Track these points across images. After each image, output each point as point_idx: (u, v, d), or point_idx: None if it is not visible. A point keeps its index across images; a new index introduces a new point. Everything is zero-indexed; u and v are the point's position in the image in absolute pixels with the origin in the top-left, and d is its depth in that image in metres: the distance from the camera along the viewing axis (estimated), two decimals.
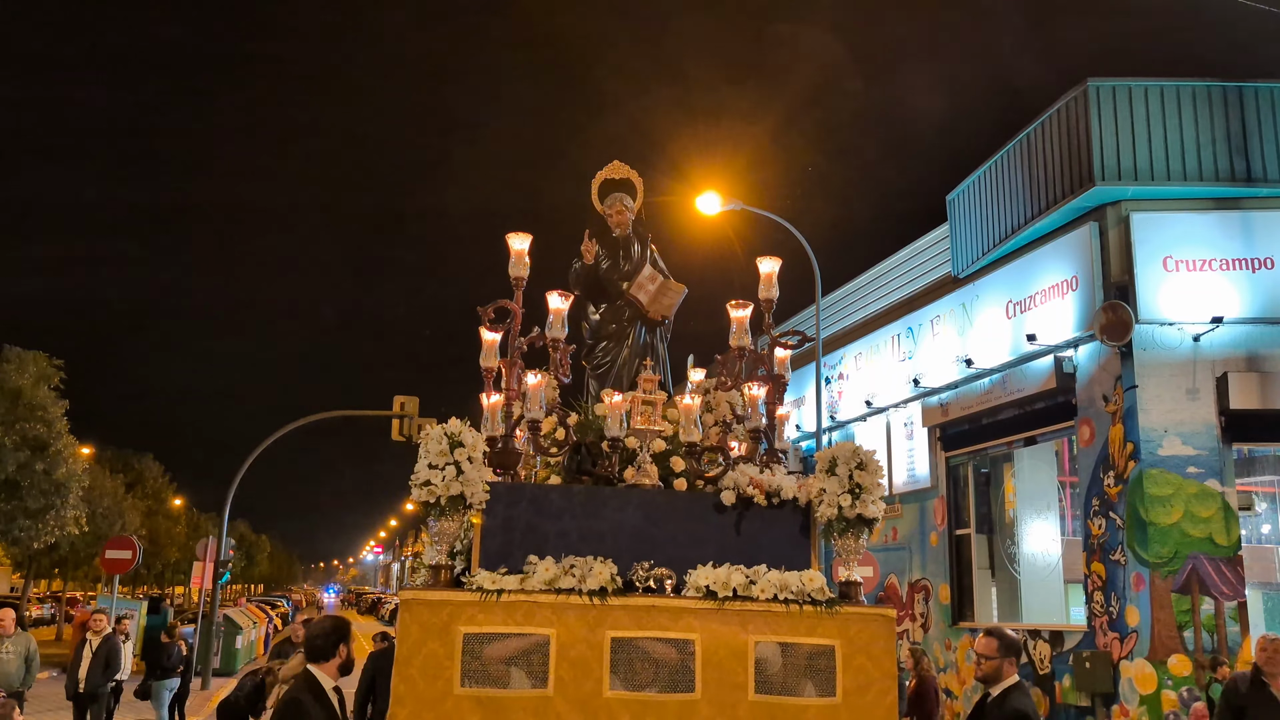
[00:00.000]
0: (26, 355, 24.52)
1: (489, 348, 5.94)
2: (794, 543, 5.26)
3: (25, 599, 32.32)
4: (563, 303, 6.11)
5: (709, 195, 18.73)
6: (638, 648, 4.82)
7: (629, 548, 5.14)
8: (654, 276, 6.90)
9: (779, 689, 4.81)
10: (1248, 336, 13.72)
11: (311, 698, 4.77)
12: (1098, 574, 14.12)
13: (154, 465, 48.06)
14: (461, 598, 4.85)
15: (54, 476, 24.54)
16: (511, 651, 4.79)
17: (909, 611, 18.73)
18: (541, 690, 4.74)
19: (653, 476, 5.50)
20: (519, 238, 6.14)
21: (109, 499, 35.20)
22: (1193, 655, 12.96)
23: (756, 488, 5.25)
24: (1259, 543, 13.92)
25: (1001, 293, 16.21)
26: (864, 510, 5.07)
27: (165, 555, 47.83)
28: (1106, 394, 14.15)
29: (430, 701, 4.71)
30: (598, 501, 5.29)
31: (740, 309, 6.07)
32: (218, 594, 25.01)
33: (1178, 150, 14.24)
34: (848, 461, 5.12)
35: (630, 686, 4.78)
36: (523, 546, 5.13)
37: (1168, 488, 13.37)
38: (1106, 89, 14.48)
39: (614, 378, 6.60)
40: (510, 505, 5.21)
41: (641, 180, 7.27)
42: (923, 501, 18.59)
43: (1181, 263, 13.94)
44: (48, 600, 53.00)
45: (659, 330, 6.93)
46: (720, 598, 4.91)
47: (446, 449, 4.99)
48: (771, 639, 4.87)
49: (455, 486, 4.95)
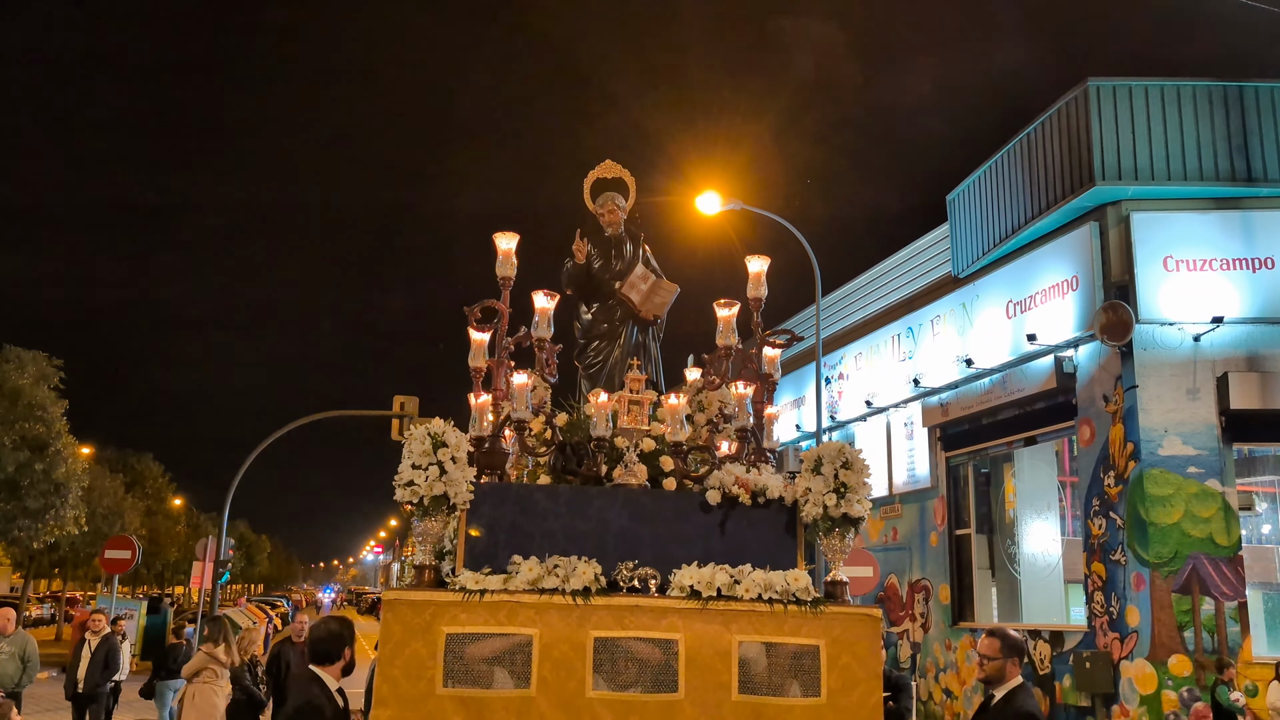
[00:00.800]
0: (26, 355, 24.50)
1: (477, 348, 5.91)
2: (780, 542, 5.23)
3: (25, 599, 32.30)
4: (548, 302, 6.08)
5: (709, 195, 18.68)
6: (621, 647, 4.79)
7: (615, 548, 5.11)
8: (646, 276, 6.86)
9: (763, 689, 4.77)
10: (1248, 336, 13.68)
11: (324, 699, 4.79)
12: (1098, 574, 14.07)
13: (154, 465, 48.01)
14: (444, 598, 4.83)
15: (54, 476, 24.51)
16: (494, 651, 4.77)
17: (909, 612, 18.68)
18: (524, 690, 4.71)
19: (640, 476, 5.47)
20: (506, 237, 6.11)
21: (109, 499, 35.16)
22: (1193, 655, 12.91)
23: (742, 487, 5.21)
24: (1259, 543, 13.87)
25: (1002, 292, 16.16)
26: (849, 509, 5.02)
27: (165, 555, 47.82)
28: (1107, 394, 14.10)
29: (413, 702, 4.69)
30: (583, 501, 5.26)
31: (726, 308, 6.04)
32: (217, 594, 24.99)
33: (1178, 150, 14.19)
34: (833, 460, 5.08)
35: (613, 686, 4.75)
36: (508, 547, 5.11)
37: (1168, 488, 13.32)
38: (1107, 89, 14.44)
39: (606, 377, 6.56)
40: (495, 505, 5.19)
41: (634, 179, 7.24)
42: (923, 501, 18.54)
43: (1182, 262, 13.89)
44: (47, 600, 53.06)
45: (651, 330, 6.90)
46: (704, 597, 4.88)
47: (430, 449, 4.96)
48: (755, 639, 4.84)
49: (438, 487, 4.92)
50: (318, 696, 4.79)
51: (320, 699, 4.78)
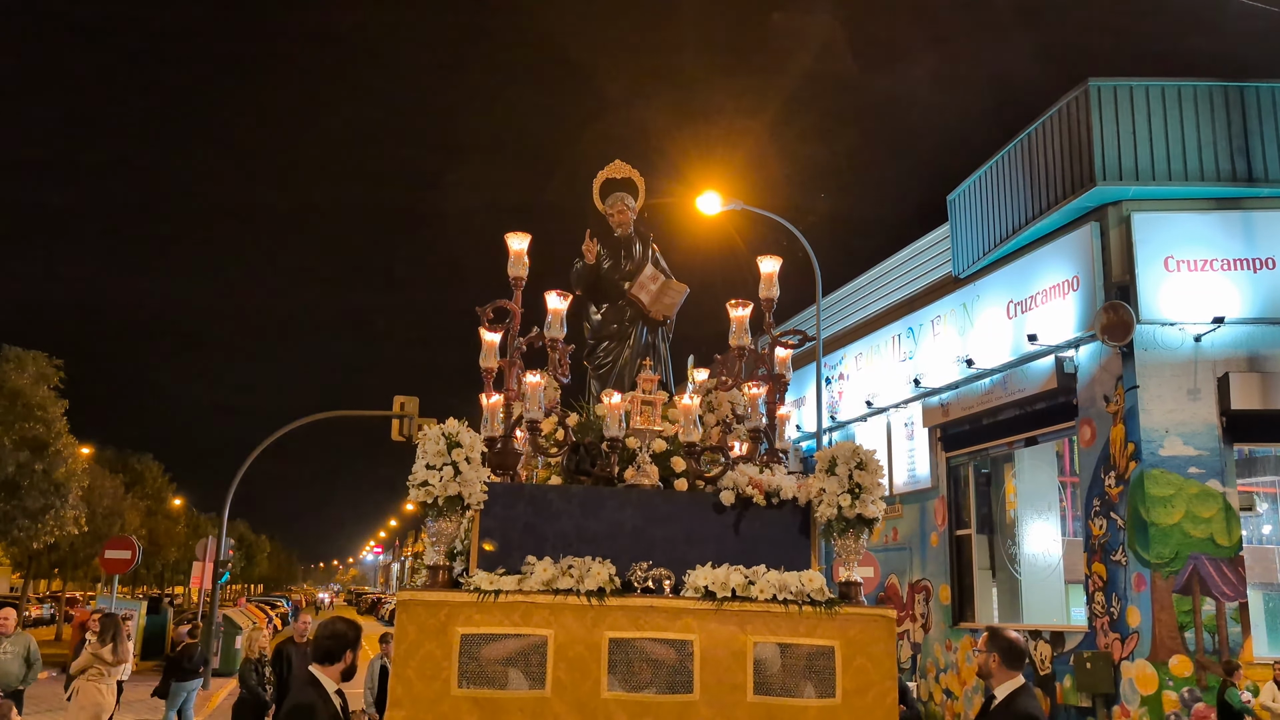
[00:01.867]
0: (26, 355, 24.46)
1: (488, 348, 5.91)
2: (794, 543, 5.23)
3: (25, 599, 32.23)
4: (561, 303, 6.08)
5: (709, 195, 18.69)
6: (636, 648, 4.79)
7: (628, 548, 5.11)
8: (655, 276, 6.87)
9: (778, 690, 4.77)
10: (1249, 337, 13.70)
11: (320, 700, 4.78)
12: (1099, 574, 14.09)
13: (154, 465, 47.95)
14: (459, 598, 4.82)
15: (53, 476, 24.49)
16: (509, 652, 4.77)
17: (909, 612, 18.69)
18: (539, 691, 4.71)
19: (652, 477, 5.47)
20: (518, 237, 6.11)
21: (108, 499, 35.11)
22: (1194, 656, 12.93)
23: (756, 488, 5.21)
24: (1260, 543, 13.90)
25: (1002, 293, 16.18)
26: (864, 510, 5.03)
27: (165, 555, 47.78)
28: (1107, 394, 14.12)
29: (427, 703, 4.68)
30: (596, 502, 5.26)
31: (740, 308, 6.04)
32: (217, 594, 24.97)
33: (1179, 150, 14.21)
34: (847, 461, 5.09)
35: (628, 687, 4.74)
36: (521, 547, 5.10)
37: (1169, 488, 13.34)
38: (1108, 89, 14.46)
39: (615, 378, 6.56)
40: (509, 506, 5.18)
41: (643, 180, 7.24)
42: (923, 502, 18.55)
43: (1183, 263, 13.91)
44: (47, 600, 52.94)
45: (661, 330, 6.90)
46: (719, 598, 4.88)
47: (444, 449, 4.96)
48: (770, 640, 4.84)
49: (453, 487, 4.93)
50: (313, 698, 4.77)
51: (315, 701, 4.76)
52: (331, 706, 4.82)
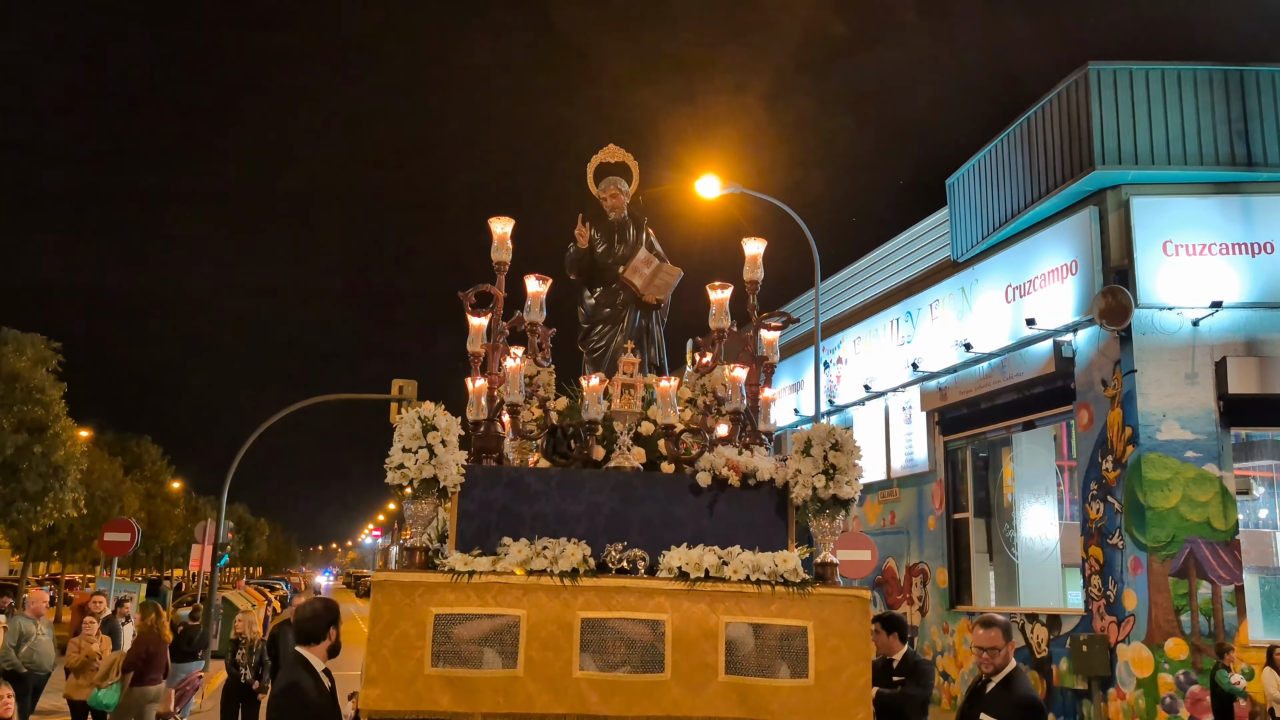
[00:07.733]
0: (24, 338, 24.40)
1: (475, 332, 5.89)
2: (771, 524, 5.21)
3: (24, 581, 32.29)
4: (540, 286, 6.09)
5: (708, 178, 18.61)
6: (609, 628, 4.79)
7: (606, 530, 5.10)
8: (649, 260, 6.82)
9: (751, 670, 4.76)
10: (1247, 321, 13.66)
11: (309, 680, 4.81)
12: (1095, 558, 14.08)
13: (153, 448, 47.91)
14: (433, 579, 4.83)
15: (52, 459, 24.46)
16: (482, 632, 4.77)
17: (907, 595, 18.71)
18: (511, 670, 4.71)
19: (633, 459, 5.45)
20: (501, 222, 6.09)
21: (108, 482, 35.11)
22: (1190, 639, 12.94)
23: (732, 469, 5.19)
24: (1256, 527, 13.88)
25: (1001, 277, 16.13)
26: (839, 491, 5.00)
27: (164, 538, 47.81)
28: (1105, 378, 14.08)
29: (401, 681, 4.69)
30: (575, 484, 5.24)
31: (720, 290, 6.01)
32: (216, 576, 25.02)
33: (1178, 134, 14.14)
34: (822, 442, 5.06)
35: (601, 667, 4.74)
36: (499, 529, 5.10)
37: (1166, 472, 13.32)
38: (1107, 73, 14.38)
39: (609, 362, 6.53)
40: (487, 488, 5.18)
41: (637, 164, 7.19)
42: (921, 485, 18.55)
43: (1181, 247, 13.86)
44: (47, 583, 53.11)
45: (655, 313, 6.86)
46: (692, 578, 4.88)
47: (419, 432, 4.95)
48: (743, 620, 4.83)
49: (428, 470, 4.92)
50: (303, 677, 4.81)
51: (305, 680, 4.80)
52: (321, 685, 4.86)
